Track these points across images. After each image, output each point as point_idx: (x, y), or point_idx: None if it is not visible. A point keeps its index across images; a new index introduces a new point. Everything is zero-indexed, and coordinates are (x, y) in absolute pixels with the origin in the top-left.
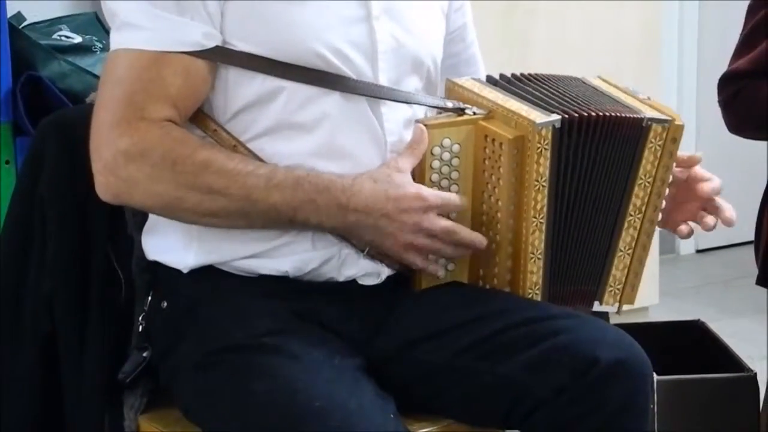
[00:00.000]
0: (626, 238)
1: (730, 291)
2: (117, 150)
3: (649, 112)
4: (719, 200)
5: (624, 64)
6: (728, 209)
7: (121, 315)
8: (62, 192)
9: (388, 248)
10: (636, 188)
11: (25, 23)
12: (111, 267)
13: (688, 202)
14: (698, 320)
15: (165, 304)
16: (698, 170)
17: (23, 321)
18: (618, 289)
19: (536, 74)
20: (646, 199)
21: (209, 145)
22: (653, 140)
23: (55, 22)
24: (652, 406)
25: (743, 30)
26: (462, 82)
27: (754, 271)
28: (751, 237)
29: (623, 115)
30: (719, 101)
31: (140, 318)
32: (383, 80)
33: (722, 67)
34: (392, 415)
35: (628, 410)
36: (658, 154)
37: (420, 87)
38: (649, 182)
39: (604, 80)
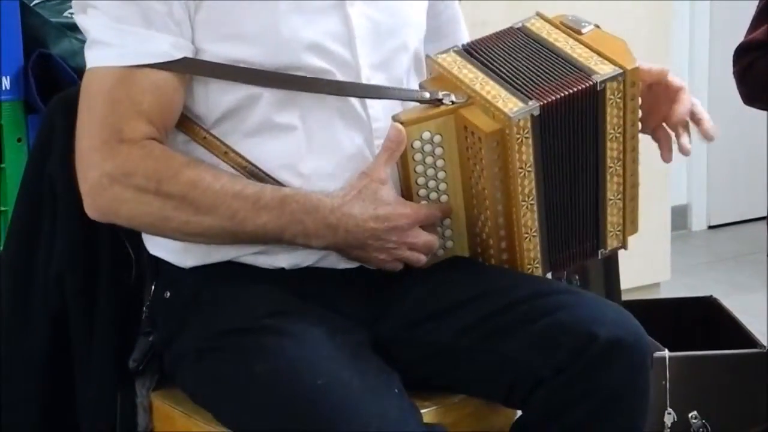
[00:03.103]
0: (612, 186)
1: (741, 267)
2: (101, 173)
3: (599, 69)
4: (697, 109)
5: (634, 36)
6: (706, 121)
7: (132, 293)
8: (72, 169)
9: (371, 263)
10: (608, 143)
11: (36, 1)
12: (121, 245)
13: (656, 105)
14: (711, 296)
15: (168, 294)
16: (672, 79)
17: (34, 299)
18: (618, 231)
19: (489, 39)
20: (621, 147)
21: (195, 163)
22: (612, 96)
23: (65, 0)
24: (663, 382)
25: (760, 1)
26: (441, 60)
27: (766, 246)
28: (763, 213)
29: (575, 89)
30: (734, 72)
31: (145, 306)
32: (365, 65)
33: (735, 40)
34: (397, 390)
35: (628, 389)
36: (621, 105)
37: (406, 64)
38: (620, 132)
39: (543, 17)
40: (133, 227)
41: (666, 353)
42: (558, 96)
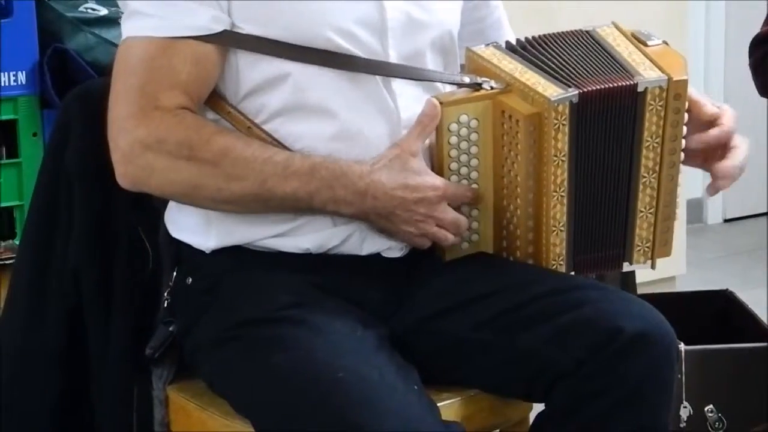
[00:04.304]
0: (644, 198)
1: (757, 261)
2: (134, 140)
3: (645, 74)
4: (733, 156)
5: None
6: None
7: (148, 286)
8: (88, 163)
9: (399, 235)
10: (644, 151)
11: None
12: (138, 239)
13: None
14: (726, 290)
15: (190, 280)
16: (725, 127)
17: (50, 292)
18: (647, 248)
19: (547, 36)
20: (658, 159)
21: (226, 132)
22: (653, 102)
23: None
24: (679, 376)
25: None
26: (481, 51)
27: None
28: None
29: (615, 84)
30: (749, 64)
31: (165, 293)
32: (393, 56)
33: (750, 32)
34: (415, 386)
35: (652, 382)
36: (662, 114)
37: (436, 60)
38: (657, 143)
39: (617, 27)
40: (164, 196)
41: (681, 347)
42: (597, 87)
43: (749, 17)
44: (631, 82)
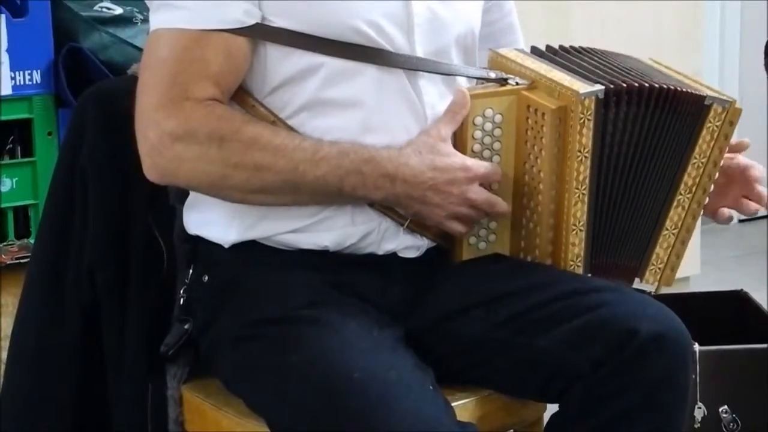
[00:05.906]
0: (673, 216)
1: None
2: (163, 131)
3: (709, 92)
4: (760, 187)
5: (665, 32)
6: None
7: (163, 284)
8: (103, 162)
9: (432, 218)
10: (689, 167)
11: None
12: (153, 237)
13: (729, 188)
14: (741, 290)
15: (206, 277)
16: (740, 157)
17: (65, 292)
18: (659, 268)
19: (586, 47)
20: (697, 180)
21: (254, 121)
22: (712, 120)
23: None
24: (694, 376)
25: None
26: (505, 52)
27: None
28: None
29: (685, 90)
30: (765, 65)
31: (182, 291)
32: (420, 53)
33: (765, 33)
34: (431, 387)
35: (667, 384)
36: (715, 135)
37: (458, 58)
38: (702, 162)
39: (656, 62)
40: (192, 187)
41: (696, 347)
42: (636, 85)
43: (765, 18)
44: (700, 93)
